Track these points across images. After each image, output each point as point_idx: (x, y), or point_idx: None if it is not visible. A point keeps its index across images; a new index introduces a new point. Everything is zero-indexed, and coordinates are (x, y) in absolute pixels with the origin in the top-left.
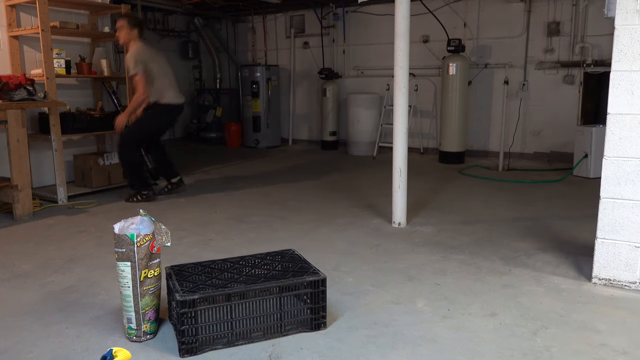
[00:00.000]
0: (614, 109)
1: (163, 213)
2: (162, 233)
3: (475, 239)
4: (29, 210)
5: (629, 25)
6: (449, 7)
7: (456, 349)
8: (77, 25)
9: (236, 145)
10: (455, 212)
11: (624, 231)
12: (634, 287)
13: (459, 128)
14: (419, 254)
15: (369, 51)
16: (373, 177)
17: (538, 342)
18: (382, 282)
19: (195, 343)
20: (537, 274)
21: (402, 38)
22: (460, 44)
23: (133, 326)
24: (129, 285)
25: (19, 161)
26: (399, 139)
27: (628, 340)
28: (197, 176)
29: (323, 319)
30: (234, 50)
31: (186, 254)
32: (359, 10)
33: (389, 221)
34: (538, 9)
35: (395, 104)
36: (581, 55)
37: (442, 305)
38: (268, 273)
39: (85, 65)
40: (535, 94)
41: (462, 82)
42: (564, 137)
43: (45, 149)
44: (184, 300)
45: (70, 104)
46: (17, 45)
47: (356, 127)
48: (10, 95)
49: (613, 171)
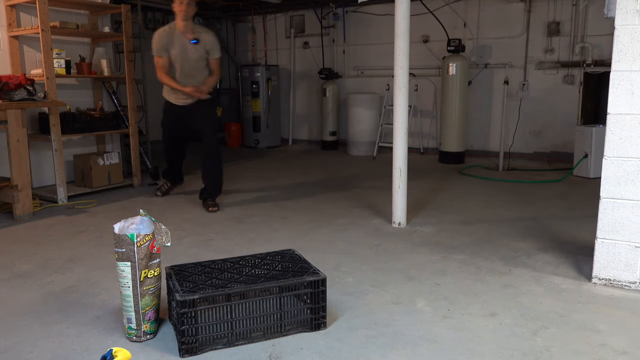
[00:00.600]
0: (614, 109)
1: (163, 213)
2: (162, 233)
3: (475, 239)
4: (29, 210)
5: (629, 25)
6: (449, 7)
7: (456, 349)
8: (77, 25)
9: (236, 145)
10: (455, 212)
11: (624, 231)
12: (634, 287)
13: (459, 128)
14: (419, 254)
15: (369, 51)
16: (373, 177)
17: (538, 342)
18: (382, 282)
19: (195, 343)
20: (537, 274)
21: (402, 38)
22: (460, 44)
23: (133, 326)
24: (129, 285)
25: (19, 161)
26: (399, 139)
27: (628, 340)
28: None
29: (323, 319)
30: (234, 50)
31: (186, 254)
32: (359, 10)
33: (389, 221)
34: (538, 9)
35: (395, 104)
36: (581, 55)
37: (442, 305)
38: (268, 273)
39: (85, 65)
40: (535, 94)
41: (462, 82)
42: (564, 137)
43: (45, 149)
44: (184, 300)
45: (70, 104)
46: (17, 45)
47: (356, 127)
48: (10, 95)
49: (613, 171)
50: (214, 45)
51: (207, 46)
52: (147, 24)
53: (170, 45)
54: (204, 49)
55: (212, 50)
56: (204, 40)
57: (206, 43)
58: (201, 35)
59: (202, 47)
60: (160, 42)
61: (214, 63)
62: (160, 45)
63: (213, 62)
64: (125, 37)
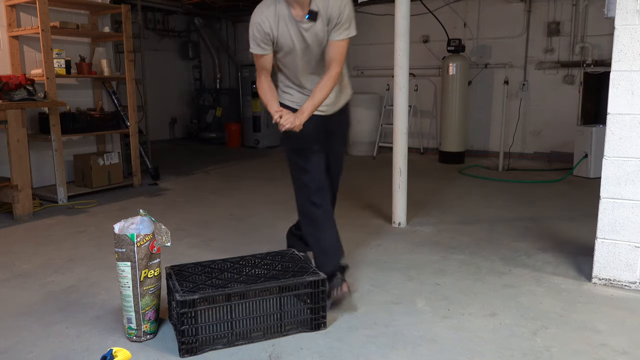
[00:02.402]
0: (614, 109)
1: (163, 213)
2: (162, 233)
3: (475, 239)
4: (29, 210)
5: (629, 25)
6: (449, 7)
7: (456, 349)
8: (77, 25)
9: (236, 145)
10: (455, 212)
11: (624, 231)
12: (634, 287)
13: (459, 128)
14: (419, 254)
15: (369, 51)
16: (373, 177)
17: (538, 342)
18: (382, 282)
19: (195, 343)
20: (537, 274)
21: (402, 38)
22: (460, 44)
23: (133, 326)
24: (129, 285)
25: (19, 161)
26: (399, 139)
27: (628, 340)
28: (198, 176)
29: (323, 319)
30: (234, 50)
31: (186, 254)
32: (359, 10)
33: (389, 221)
34: (538, 9)
35: (395, 104)
36: (581, 55)
37: (442, 305)
38: (268, 273)
39: (85, 65)
40: (535, 94)
41: (462, 82)
42: (564, 137)
43: (45, 149)
44: (184, 300)
45: (70, 104)
46: (17, 45)
47: (356, 127)
48: (10, 95)
49: (613, 171)
50: (343, 13)
51: (332, 18)
52: (147, 24)
53: (276, 33)
54: (326, 25)
55: (339, 26)
56: (325, 8)
57: (330, 11)
58: (318, 2)
59: (322, 22)
60: (261, 29)
61: (336, 49)
62: (260, 34)
63: (335, 47)
64: (125, 37)
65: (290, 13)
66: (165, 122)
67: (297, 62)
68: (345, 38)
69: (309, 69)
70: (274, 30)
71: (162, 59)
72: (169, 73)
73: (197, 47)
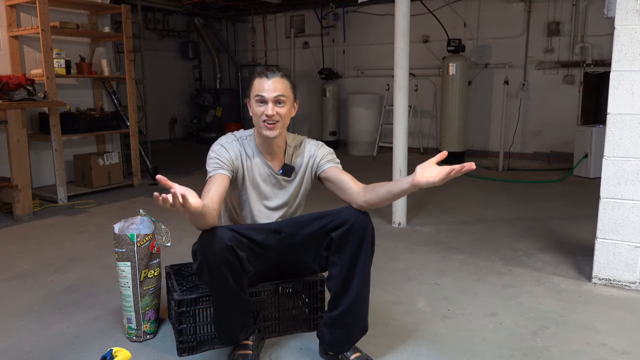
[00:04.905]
0: (614, 109)
1: (163, 213)
2: (162, 233)
3: (475, 239)
4: (29, 210)
5: (629, 25)
6: (449, 7)
7: (456, 349)
8: (77, 25)
9: None
10: (455, 212)
11: (624, 231)
12: (634, 287)
13: (459, 128)
14: (419, 254)
15: (369, 51)
16: (373, 177)
17: (538, 342)
18: (382, 282)
19: (194, 342)
20: (537, 274)
21: (402, 38)
22: (460, 44)
23: (133, 326)
24: (129, 285)
25: (19, 161)
26: (399, 139)
27: (628, 340)
28: (198, 176)
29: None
30: (234, 50)
31: (186, 254)
32: (359, 10)
33: (389, 221)
34: (538, 9)
35: (395, 104)
36: (581, 55)
37: (442, 305)
38: None
39: (85, 65)
40: (535, 94)
41: (462, 82)
42: (564, 137)
43: (45, 149)
44: (182, 299)
45: (70, 104)
46: (17, 45)
47: (356, 127)
48: (10, 95)
49: (613, 171)
50: (318, 152)
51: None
52: (147, 24)
53: (241, 167)
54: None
55: (324, 160)
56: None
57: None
58: (296, 157)
59: (300, 175)
60: (227, 153)
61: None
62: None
63: (337, 169)
64: (125, 37)
65: (261, 158)
66: (165, 122)
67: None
68: (336, 165)
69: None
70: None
71: (162, 59)
72: (169, 73)
73: (197, 47)
